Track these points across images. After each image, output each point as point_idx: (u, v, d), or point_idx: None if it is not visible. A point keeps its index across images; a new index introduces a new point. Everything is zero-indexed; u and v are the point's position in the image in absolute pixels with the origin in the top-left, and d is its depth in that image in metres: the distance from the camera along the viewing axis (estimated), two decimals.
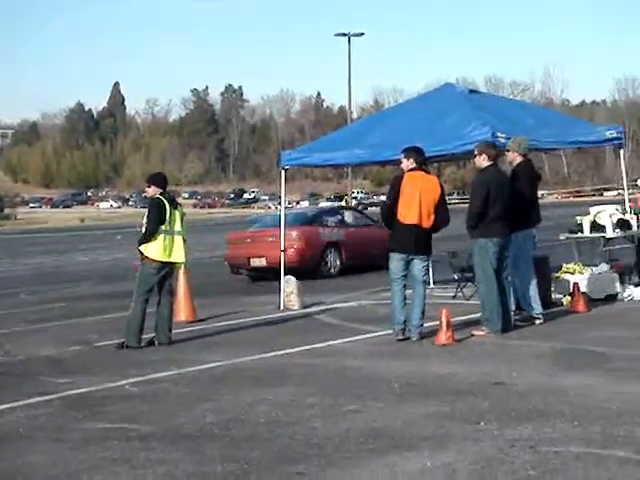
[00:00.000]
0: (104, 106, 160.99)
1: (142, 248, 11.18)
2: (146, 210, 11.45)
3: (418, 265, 10.71)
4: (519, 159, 11.73)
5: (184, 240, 11.37)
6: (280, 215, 15.56)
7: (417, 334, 10.61)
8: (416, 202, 10.51)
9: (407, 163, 10.79)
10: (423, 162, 10.86)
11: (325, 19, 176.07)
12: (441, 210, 10.70)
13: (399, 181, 10.69)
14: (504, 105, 16.49)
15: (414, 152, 10.84)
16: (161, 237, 11.14)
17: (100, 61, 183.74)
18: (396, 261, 10.72)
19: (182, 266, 11.76)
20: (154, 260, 11.14)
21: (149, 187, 11.46)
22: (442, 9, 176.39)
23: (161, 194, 11.31)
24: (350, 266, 20.33)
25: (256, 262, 20.19)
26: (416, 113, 14.38)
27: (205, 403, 7.85)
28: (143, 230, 11.22)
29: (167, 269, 11.28)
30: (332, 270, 20.65)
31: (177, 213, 11.36)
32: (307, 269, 19.40)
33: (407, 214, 10.54)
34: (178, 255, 11.30)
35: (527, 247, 11.49)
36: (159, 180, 11.52)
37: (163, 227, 11.15)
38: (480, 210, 10.77)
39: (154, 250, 11.13)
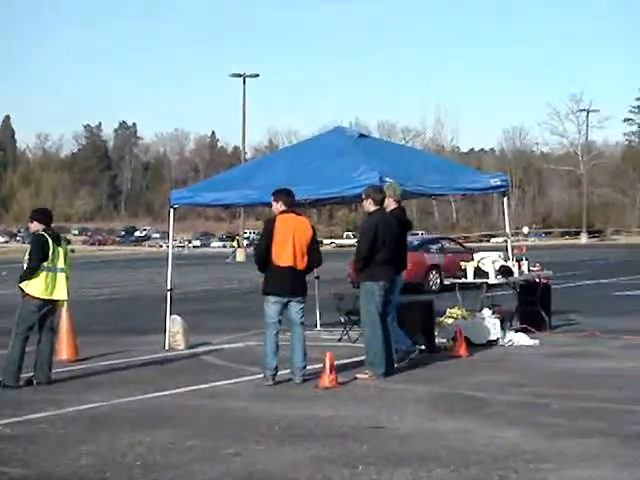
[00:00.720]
0: None
1: (23, 285, 10.94)
2: (29, 246, 11.22)
3: (294, 308, 10.71)
4: (393, 205, 11.90)
5: (67, 277, 11.16)
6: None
7: (300, 377, 10.60)
8: (289, 244, 10.54)
9: (277, 206, 10.82)
10: (293, 204, 10.89)
11: (221, 59, 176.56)
12: (313, 251, 10.76)
13: (272, 224, 10.68)
14: (394, 150, 16.78)
15: (283, 194, 10.88)
16: (43, 274, 10.92)
17: None
18: (272, 304, 10.67)
19: (64, 304, 11.54)
20: (35, 297, 10.91)
21: (32, 222, 11.24)
22: (338, 53, 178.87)
23: (45, 230, 11.10)
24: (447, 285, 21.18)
25: None
26: (307, 155, 14.50)
27: (82, 445, 7.68)
28: (25, 267, 10.98)
29: (49, 307, 11.05)
30: (433, 287, 25.56)
31: (61, 250, 11.15)
32: (414, 286, 22.85)
33: (281, 256, 10.55)
34: (60, 292, 11.08)
35: (394, 291, 11.59)
36: (43, 215, 11.31)
37: (45, 264, 10.93)
38: (367, 253, 10.88)
39: (35, 287, 10.90)
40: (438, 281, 25.78)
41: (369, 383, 10.49)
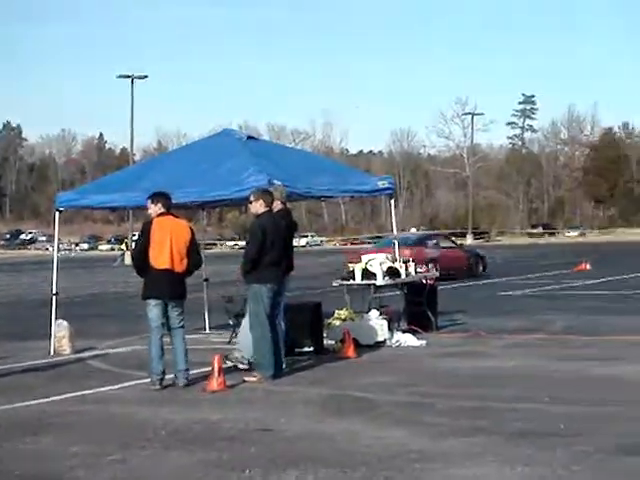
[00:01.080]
0: None
1: None
2: None
3: (174, 311, 10.63)
4: (280, 206, 11.92)
5: None
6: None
7: (184, 380, 10.52)
8: (167, 247, 10.45)
9: (155, 208, 10.72)
10: (170, 207, 10.80)
11: (109, 59, 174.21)
12: (193, 253, 10.69)
13: (148, 227, 10.59)
14: (283, 152, 16.80)
15: (161, 197, 10.80)
16: None
17: None
18: (153, 307, 10.57)
19: None
20: None
21: None
22: (227, 55, 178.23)
23: None
24: (442, 275, 22.07)
25: None
26: (195, 157, 14.40)
27: None
28: None
29: None
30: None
31: None
32: None
33: (159, 259, 10.46)
34: None
35: (282, 293, 11.57)
36: None
37: None
38: (256, 256, 10.87)
39: None
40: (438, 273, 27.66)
41: (257, 385, 10.47)
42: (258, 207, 11.16)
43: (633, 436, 7.53)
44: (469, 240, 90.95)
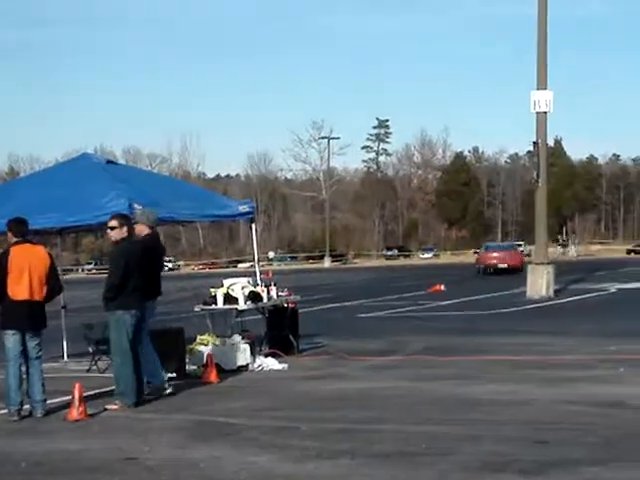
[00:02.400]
0: None
1: None
2: None
3: (31, 342, 10.38)
4: (147, 231, 11.84)
5: None
6: None
7: (42, 410, 10.28)
8: (26, 276, 10.21)
9: (10, 236, 10.48)
10: (27, 233, 10.56)
11: None
12: (52, 280, 10.47)
13: (6, 256, 10.30)
14: (142, 177, 16.68)
15: (16, 224, 10.53)
16: None
17: None
18: (11, 337, 10.30)
19: None
20: None
21: None
22: (80, 77, 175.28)
23: None
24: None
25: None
26: (53, 182, 14.13)
27: None
28: None
29: None
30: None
31: None
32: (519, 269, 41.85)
33: (17, 290, 10.20)
34: None
35: (146, 319, 11.47)
36: None
37: None
38: (118, 282, 10.74)
39: None
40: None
41: (119, 413, 10.32)
42: (116, 234, 11.05)
43: (495, 455, 7.75)
44: (327, 263, 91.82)
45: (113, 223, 11.08)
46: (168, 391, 11.45)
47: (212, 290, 14.40)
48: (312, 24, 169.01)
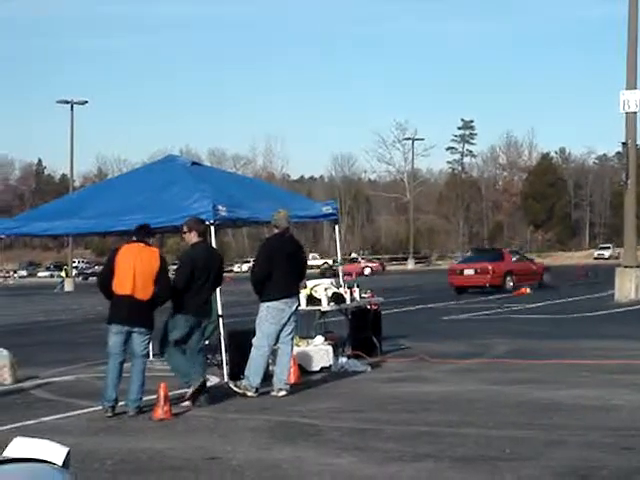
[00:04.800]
0: None
1: None
2: None
3: (137, 339, 10.59)
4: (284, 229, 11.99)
5: None
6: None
7: (134, 409, 10.45)
8: (130, 273, 10.45)
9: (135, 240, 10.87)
10: (143, 235, 10.87)
11: (48, 84, 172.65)
12: (161, 282, 10.66)
13: (114, 253, 10.69)
14: (226, 178, 16.81)
15: (141, 227, 10.94)
16: None
17: None
18: (114, 334, 10.57)
19: None
20: None
21: None
22: (166, 80, 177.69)
23: None
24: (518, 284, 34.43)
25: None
26: (139, 184, 14.34)
27: None
28: None
29: None
30: (508, 287, 35.76)
31: None
32: (495, 287, 35.47)
33: (120, 285, 10.47)
34: None
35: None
36: None
37: None
38: (183, 286, 10.89)
39: None
40: (511, 283, 36.28)
41: (204, 413, 10.41)
42: (192, 237, 11.22)
43: (580, 460, 7.63)
44: (410, 265, 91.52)
45: (184, 228, 11.29)
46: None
47: None
48: (396, 26, 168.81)
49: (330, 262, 63.73)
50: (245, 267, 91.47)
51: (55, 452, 4.90)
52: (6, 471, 3.74)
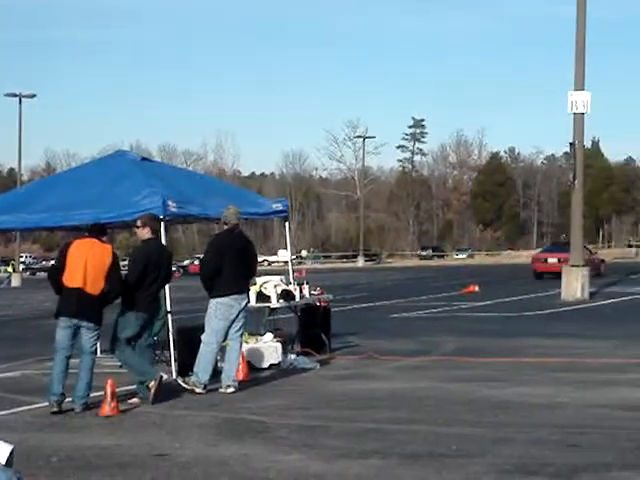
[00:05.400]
0: None
1: None
2: None
3: (85, 335, 10.50)
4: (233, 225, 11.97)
5: None
6: None
7: (81, 405, 10.36)
8: (81, 267, 10.38)
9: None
10: (94, 230, 10.81)
11: None
12: (112, 278, 10.57)
13: (67, 246, 10.65)
14: (176, 174, 16.71)
15: (95, 225, 10.91)
16: None
17: None
18: (61, 328, 10.48)
19: None
20: None
21: None
22: (117, 74, 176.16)
23: None
24: None
25: None
26: (88, 179, 14.22)
27: None
28: None
29: None
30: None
31: None
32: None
33: (71, 278, 10.41)
34: None
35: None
36: None
37: None
38: (135, 281, 10.84)
39: None
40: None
41: (151, 410, 10.34)
42: (145, 233, 11.19)
43: (526, 458, 7.70)
44: (360, 262, 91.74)
45: (138, 223, 11.26)
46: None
47: None
48: (347, 23, 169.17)
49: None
50: (195, 263, 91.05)
51: None
52: None
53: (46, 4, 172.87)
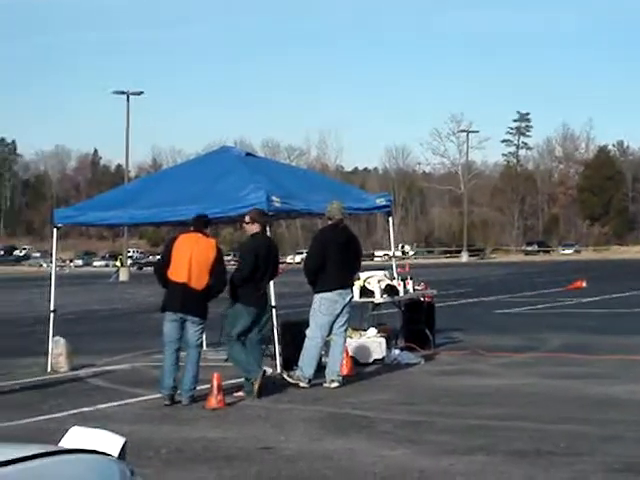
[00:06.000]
0: None
1: None
2: None
3: (191, 329, 10.64)
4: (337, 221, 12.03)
5: None
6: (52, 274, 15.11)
7: (188, 398, 10.52)
8: (186, 262, 10.53)
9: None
10: (200, 225, 10.95)
11: (103, 75, 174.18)
12: (217, 272, 10.68)
13: (172, 241, 10.82)
14: (280, 169, 16.84)
15: (199, 216, 11.05)
16: None
17: None
18: (168, 322, 10.66)
19: None
20: None
21: None
22: (221, 71, 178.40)
23: None
24: None
25: None
26: (194, 174, 14.42)
27: None
28: None
29: None
30: None
31: None
32: None
33: (176, 273, 10.57)
34: None
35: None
36: None
37: None
38: (248, 275, 10.92)
39: None
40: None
41: (257, 403, 10.44)
42: (253, 228, 11.25)
43: (637, 457, 7.52)
44: (464, 258, 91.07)
45: (246, 219, 11.32)
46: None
47: None
48: (451, 17, 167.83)
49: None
50: (298, 258, 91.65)
51: (111, 443, 4.95)
52: (63, 462, 3.77)
53: (148, 2, 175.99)
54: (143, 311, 27.05)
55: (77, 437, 4.59)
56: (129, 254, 79.26)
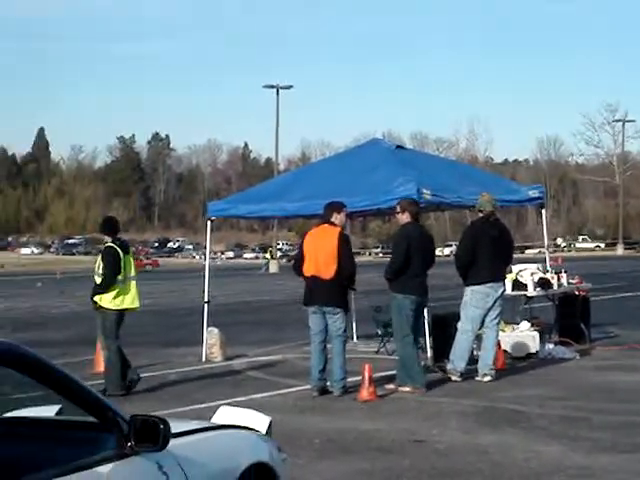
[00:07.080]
0: (28, 151, 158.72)
1: (97, 298, 11.04)
2: (100, 259, 11.26)
3: (329, 319, 10.66)
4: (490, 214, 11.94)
5: (136, 285, 11.29)
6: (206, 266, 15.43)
7: (339, 389, 10.55)
8: (313, 255, 10.63)
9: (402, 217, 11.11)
10: (331, 213, 10.86)
11: (254, 70, 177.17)
12: (342, 259, 10.57)
13: (303, 238, 11.04)
14: (430, 162, 16.73)
15: (328, 205, 11.01)
16: (117, 286, 11.04)
17: (25, 106, 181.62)
18: (310, 315, 10.76)
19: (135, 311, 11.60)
20: (111, 309, 11.03)
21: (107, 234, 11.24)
22: (369, 63, 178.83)
23: (113, 241, 11.15)
24: None
25: None
26: (344, 167, 14.48)
27: None
28: (98, 280, 11.06)
29: (124, 315, 11.21)
30: None
31: (130, 258, 11.26)
32: None
33: (307, 267, 10.70)
34: (134, 301, 11.22)
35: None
36: (111, 226, 11.41)
37: (119, 276, 11.01)
38: (400, 264, 10.84)
39: (110, 299, 11.03)
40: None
41: (408, 396, 10.42)
42: (404, 218, 11.17)
43: None
44: (619, 250, 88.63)
45: (397, 209, 11.26)
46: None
47: None
48: (597, 4, 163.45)
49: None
50: (447, 251, 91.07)
51: (258, 421, 5.25)
52: (222, 435, 4.20)
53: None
54: (292, 303, 27.31)
55: (226, 415, 4.97)
56: (278, 246, 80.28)
